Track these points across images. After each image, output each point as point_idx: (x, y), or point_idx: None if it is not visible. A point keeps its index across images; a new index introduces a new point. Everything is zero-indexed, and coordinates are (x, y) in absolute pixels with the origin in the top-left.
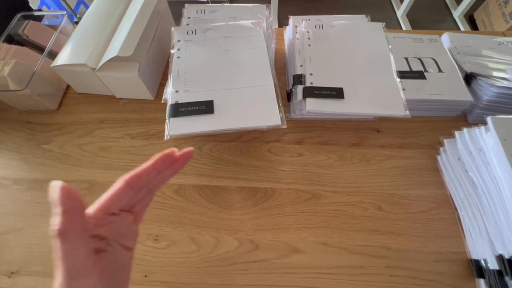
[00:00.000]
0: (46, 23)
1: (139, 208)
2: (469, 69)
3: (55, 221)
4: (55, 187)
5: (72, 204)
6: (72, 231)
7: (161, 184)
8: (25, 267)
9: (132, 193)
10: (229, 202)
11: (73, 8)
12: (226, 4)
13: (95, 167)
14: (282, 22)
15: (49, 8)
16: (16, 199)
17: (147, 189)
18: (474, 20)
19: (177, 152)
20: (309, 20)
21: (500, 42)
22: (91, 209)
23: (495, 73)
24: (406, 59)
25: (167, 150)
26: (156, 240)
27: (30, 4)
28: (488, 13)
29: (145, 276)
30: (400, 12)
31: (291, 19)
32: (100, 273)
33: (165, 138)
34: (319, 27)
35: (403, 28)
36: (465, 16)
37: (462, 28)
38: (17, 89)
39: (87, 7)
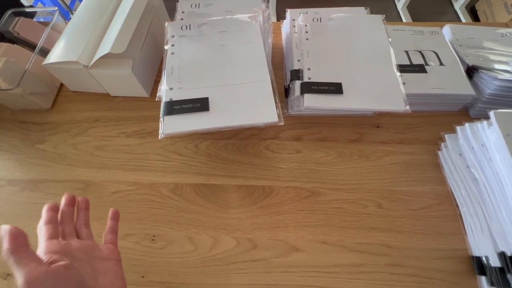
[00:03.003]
0: (42, 20)
1: (87, 236)
2: (471, 62)
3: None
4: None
5: (12, 235)
6: (13, 249)
7: (84, 217)
8: None
9: (53, 226)
10: (226, 201)
11: (68, 4)
12: None
13: (90, 167)
14: (281, 16)
15: (44, 4)
16: (11, 200)
17: (71, 225)
18: (476, 11)
19: (57, 204)
20: (306, 13)
21: (503, 33)
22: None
23: (497, 66)
24: (407, 52)
25: (48, 205)
26: (153, 240)
27: (23, 0)
28: (490, 4)
29: (142, 276)
30: (401, 4)
31: (288, 12)
32: (47, 271)
33: (160, 137)
34: (317, 20)
35: (404, 20)
36: (466, 7)
37: (463, 20)
38: (8, 88)
39: None
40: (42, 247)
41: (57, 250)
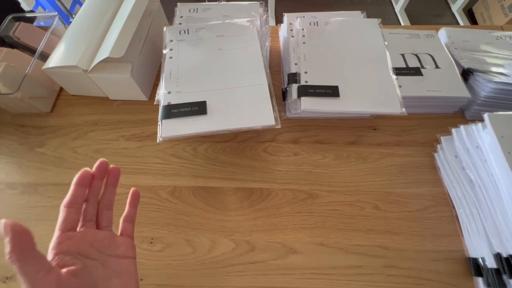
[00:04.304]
0: (42, 24)
1: (107, 222)
2: (466, 64)
3: (6, 249)
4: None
5: (16, 235)
6: (18, 254)
7: (109, 197)
8: None
9: (74, 210)
10: (224, 203)
11: (68, 8)
12: (220, 3)
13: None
14: (280, 19)
15: (44, 8)
16: (10, 204)
17: (94, 205)
18: (473, 13)
19: (90, 170)
20: (303, 17)
21: (498, 36)
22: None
23: (493, 68)
24: (403, 55)
25: (81, 171)
26: (151, 243)
27: (23, 5)
28: (487, 6)
29: (141, 279)
30: (398, 7)
31: (286, 17)
32: (58, 283)
33: (158, 140)
34: (314, 24)
35: (402, 23)
36: (464, 9)
37: (461, 22)
38: (8, 93)
39: None
40: (56, 238)
41: (70, 249)
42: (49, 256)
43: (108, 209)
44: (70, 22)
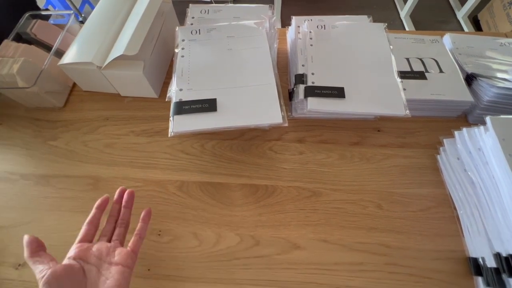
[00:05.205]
0: (52, 22)
1: (116, 237)
2: (470, 69)
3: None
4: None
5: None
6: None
7: (123, 217)
8: None
9: (92, 227)
10: (230, 199)
11: (78, 7)
12: (230, 5)
13: (100, 163)
14: (285, 23)
15: (54, 7)
16: (24, 194)
17: (112, 224)
18: (479, 21)
19: (108, 197)
20: (311, 20)
21: (502, 43)
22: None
23: (496, 74)
24: (407, 59)
25: (101, 198)
26: (159, 235)
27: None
28: (492, 14)
29: (148, 269)
30: (404, 12)
31: (294, 19)
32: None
33: (169, 135)
34: (321, 27)
35: (407, 28)
36: (469, 17)
37: (466, 29)
38: (26, 86)
39: (92, 6)
40: (72, 248)
41: (77, 255)
42: (65, 259)
43: (121, 226)
44: (80, 20)
